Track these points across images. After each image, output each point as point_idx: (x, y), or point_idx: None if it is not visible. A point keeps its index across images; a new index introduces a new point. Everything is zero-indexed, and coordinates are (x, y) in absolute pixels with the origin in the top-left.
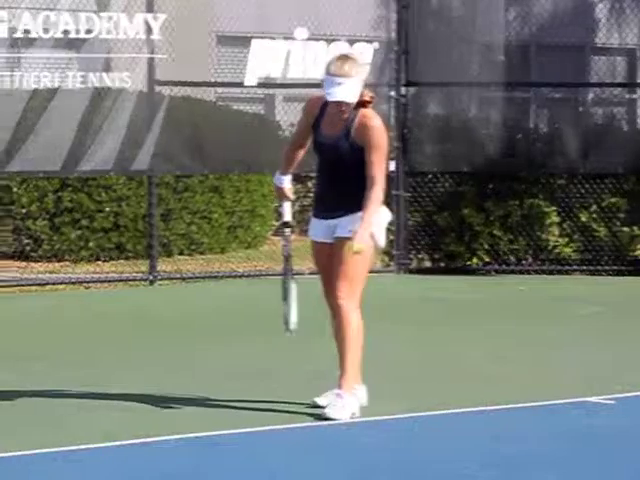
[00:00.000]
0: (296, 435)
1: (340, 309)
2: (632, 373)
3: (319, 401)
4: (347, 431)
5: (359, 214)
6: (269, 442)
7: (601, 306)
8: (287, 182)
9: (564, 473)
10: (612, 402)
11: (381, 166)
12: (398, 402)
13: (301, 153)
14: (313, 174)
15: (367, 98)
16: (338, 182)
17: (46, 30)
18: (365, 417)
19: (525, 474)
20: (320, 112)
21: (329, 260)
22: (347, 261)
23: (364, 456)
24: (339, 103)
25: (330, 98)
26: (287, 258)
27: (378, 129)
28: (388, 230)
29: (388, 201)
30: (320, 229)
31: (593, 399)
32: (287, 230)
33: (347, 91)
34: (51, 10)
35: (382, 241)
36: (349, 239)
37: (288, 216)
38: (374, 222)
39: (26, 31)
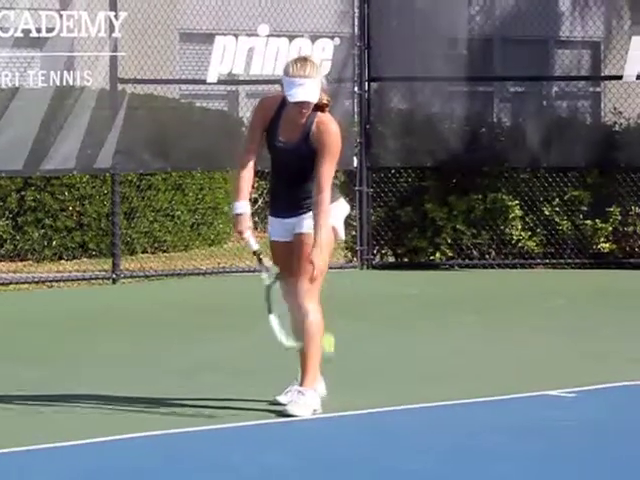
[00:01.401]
0: (259, 431)
1: (301, 307)
2: (593, 366)
3: (280, 399)
4: (309, 427)
5: None
6: (233, 439)
7: (564, 299)
8: (248, 207)
9: (523, 466)
10: (573, 395)
11: (331, 172)
12: (359, 398)
13: (254, 166)
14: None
15: (324, 102)
16: (296, 183)
17: (6, 29)
18: (327, 413)
19: (483, 468)
20: (276, 114)
21: (289, 258)
22: (306, 258)
23: (327, 451)
24: (301, 104)
25: (292, 99)
26: (269, 285)
27: (335, 135)
28: (350, 225)
29: (350, 196)
30: (279, 228)
31: (554, 392)
32: (262, 260)
33: (309, 91)
34: (11, 9)
35: (342, 234)
36: (308, 235)
37: (255, 245)
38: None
39: None
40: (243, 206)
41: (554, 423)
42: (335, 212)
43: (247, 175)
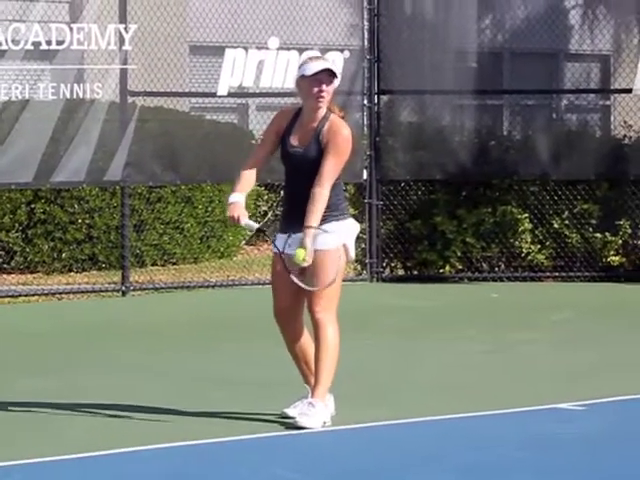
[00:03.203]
0: (267, 444)
1: (318, 322)
2: (603, 379)
3: (288, 412)
4: (317, 439)
5: (332, 224)
6: (241, 451)
7: (573, 312)
8: (242, 198)
9: None
10: (583, 408)
11: (334, 171)
12: (368, 410)
13: (258, 166)
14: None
15: (338, 112)
16: (308, 193)
17: (17, 42)
18: (335, 426)
19: None
20: (290, 123)
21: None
22: (323, 274)
23: (334, 464)
24: (320, 79)
25: (310, 71)
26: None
27: (346, 137)
28: (360, 238)
29: (360, 209)
30: (287, 243)
31: (564, 405)
32: (267, 234)
33: (329, 64)
34: (21, 22)
35: (352, 254)
36: (323, 252)
37: (255, 224)
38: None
39: None
40: (237, 196)
41: (564, 436)
42: (346, 231)
43: (248, 173)
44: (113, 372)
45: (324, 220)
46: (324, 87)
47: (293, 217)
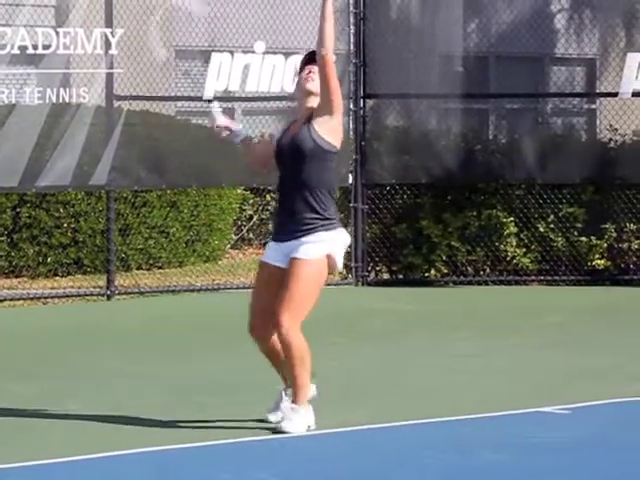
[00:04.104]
0: (250, 448)
1: (281, 335)
2: (587, 383)
3: (271, 417)
4: (300, 444)
5: (320, 234)
6: (223, 456)
7: (559, 316)
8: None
9: None
10: (566, 412)
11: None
12: (352, 414)
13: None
14: (271, 187)
15: None
16: (298, 192)
17: (2, 46)
18: (318, 430)
19: None
20: (284, 129)
21: (273, 286)
22: (296, 284)
23: (319, 468)
24: (312, 64)
25: (300, 63)
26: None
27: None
28: None
29: (345, 213)
30: (277, 252)
31: (547, 409)
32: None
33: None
34: (7, 26)
35: (340, 264)
36: (303, 262)
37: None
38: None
39: None
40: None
41: (546, 440)
42: (333, 241)
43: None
44: (98, 377)
45: (312, 230)
46: (311, 68)
47: (282, 222)
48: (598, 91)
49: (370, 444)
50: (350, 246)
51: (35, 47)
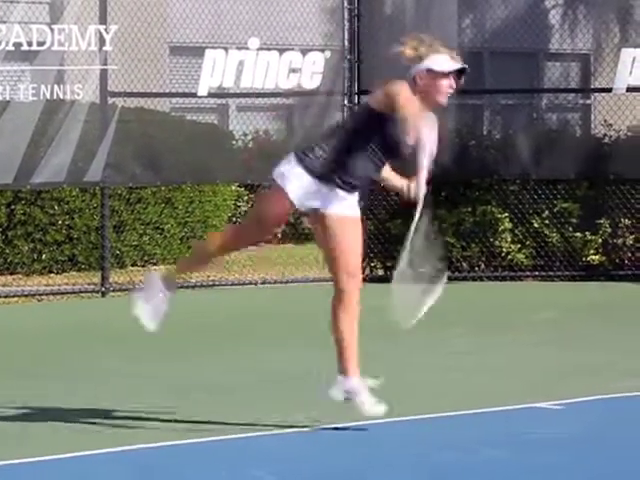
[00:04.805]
0: (247, 446)
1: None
2: (582, 378)
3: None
4: (296, 440)
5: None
6: (217, 452)
7: (553, 311)
8: None
9: None
10: (560, 407)
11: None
12: (348, 411)
13: None
14: (265, 184)
15: None
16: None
17: None
18: (314, 426)
19: None
20: None
21: None
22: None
23: (314, 465)
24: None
25: (451, 67)
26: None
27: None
28: None
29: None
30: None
31: (542, 405)
32: None
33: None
34: (2, 22)
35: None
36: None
37: None
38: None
39: None
40: None
41: (540, 435)
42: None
43: None
44: (92, 374)
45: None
46: (453, 84)
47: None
48: (592, 87)
49: (366, 442)
50: None
51: (30, 44)
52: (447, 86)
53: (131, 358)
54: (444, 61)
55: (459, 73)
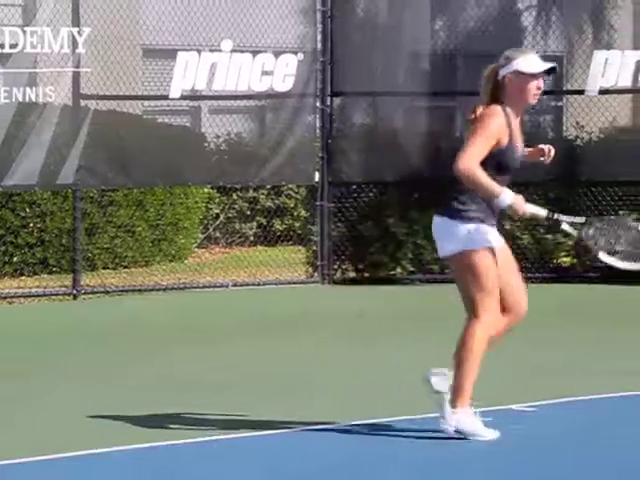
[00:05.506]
0: (229, 446)
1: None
2: (555, 380)
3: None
4: (279, 440)
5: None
6: (198, 453)
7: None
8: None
9: None
10: (533, 409)
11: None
12: (325, 412)
13: None
14: (237, 186)
15: None
16: None
17: None
18: (298, 426)
19: None
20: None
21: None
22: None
23: (300, 463)
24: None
25: (542, 68)
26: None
27: None
28: (311, 241)
29: (311, 212)
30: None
31: (514, 406)
32: (559, 218)
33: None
34: None
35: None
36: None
37: (543, 210)
38: None
39: None
40: (509, 193)
41: (514, 438)
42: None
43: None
44: (65, 377)
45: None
46: (542, 85)
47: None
48: (565, 89)
49: (356, 439)
50: (316, 244)
51: (2, 46)
52: (536, 87)
53: (103, 359)
54: (532, 62)
55: (547, 73)
